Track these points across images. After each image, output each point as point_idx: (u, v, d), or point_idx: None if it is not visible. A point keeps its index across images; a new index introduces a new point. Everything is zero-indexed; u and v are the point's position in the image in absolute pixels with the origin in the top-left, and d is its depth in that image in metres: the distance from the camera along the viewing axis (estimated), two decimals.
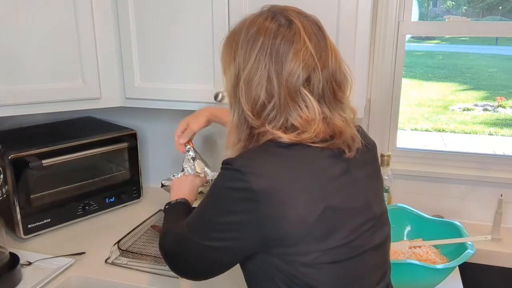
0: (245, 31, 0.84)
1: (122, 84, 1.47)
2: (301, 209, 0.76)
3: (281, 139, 0.80)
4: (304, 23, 0.83)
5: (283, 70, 0.80)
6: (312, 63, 0.80)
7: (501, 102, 5.93)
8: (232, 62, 0.86)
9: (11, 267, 1.16)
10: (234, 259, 0.85)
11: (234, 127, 0.88)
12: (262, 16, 0.84)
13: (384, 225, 0.91)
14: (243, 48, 0.83)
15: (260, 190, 0.75)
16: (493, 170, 1.52)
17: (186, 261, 0.89)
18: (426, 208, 1.52)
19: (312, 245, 0.77)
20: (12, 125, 1.64)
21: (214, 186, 0.83)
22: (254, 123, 0.83)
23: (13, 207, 1.34)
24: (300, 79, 0.80)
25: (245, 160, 0.79)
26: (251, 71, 0.81)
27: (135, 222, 1.47)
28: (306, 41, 0.81)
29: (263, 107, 0.81)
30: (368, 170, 0.91)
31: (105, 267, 1.26)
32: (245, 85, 0.82)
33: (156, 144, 1.83)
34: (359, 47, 1.23)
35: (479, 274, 1.43)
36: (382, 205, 0.92)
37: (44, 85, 1.33)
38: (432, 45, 8.62)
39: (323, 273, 0.78)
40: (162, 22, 1.37)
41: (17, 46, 1.27)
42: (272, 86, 0.80)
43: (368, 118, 1.57)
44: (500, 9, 6.24)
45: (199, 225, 0.86)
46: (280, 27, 0.81)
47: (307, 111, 0.80)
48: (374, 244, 0.85)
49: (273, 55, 0.80)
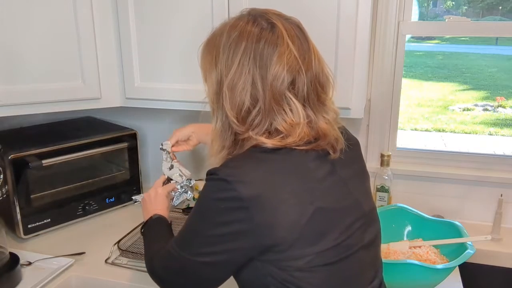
0: (226, 35, 0.83)
1: (122, 84, 1.47)
2: (292, 213, 0.76)
3: (265, 145, 0.79)
4: (286, 26, 0.82)
5: (267, 74, 0.78)
6: (296, 65, 0.80)
7: (501, 102, 5.93)
8: (213, 69, 0.84)
9: (11, 267, 1.16)
10: (229, 270, 0.83)
11: (217, 135, 0.86)
12: (242, 20, 0.83)
13: (374, 221, 0.91)
14: (225, 54, 0.82)
15: (249, 197, 0.74)
16: (493, 170, 1.52)
17: (181, 282, 0.87)
18: (426, 208, 1.52)
19: (305, 249, 0.77)
20: (12, 125, 1.64)
21: (201, 199, 0.82)
22: (239, 129, 0.82)
23: (13, 207, 1.34)
24: (285, 83, 0.79)
25: (230, 169, 0.78)
26: (235, 77, 0.80)
27: (135, 222, 1.47)
28: (290, 44, 0.80)
29: (248, 113, 0.80)
30: (354, 169, 0.91)
31: (105, 267, 1.26)
32: (228, 91, 0.81)
33: (156, 144, 1.82)
34: (359, 47, 1.23)
35: (479, 274, 1.43)
36: (370, 202, 0.92)
37: (44, 85, 1.33)
38: (432, 45, 8.63)
39: (318, 276, 0.78)
40: (162, 22, 1.37)
41: (17, 46, 1.27)
42: (257, 91, 0.79)
43: (368, 118, 1.57)
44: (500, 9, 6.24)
45: (190, 241, 0.83)
46: (262, 31, 0.80)
47: (292, 115, 0.79)
48: (366, 242, 0.85)
49: (257, 59, 0.79)
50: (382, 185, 1.50)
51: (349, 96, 1.26)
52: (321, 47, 1.24)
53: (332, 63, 1.24)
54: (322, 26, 1.23)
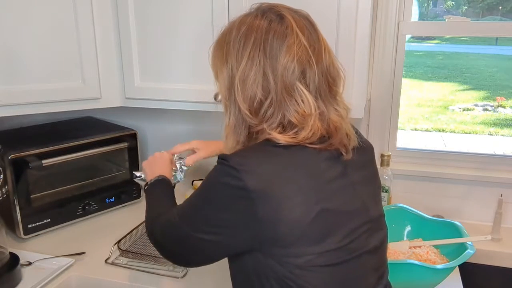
0: (235, 31, 0.83)
1: (122, 84, 1.47)
2: (296, 211, 0.75)
3: (278, 141, 0.79)
4: (295, 17, 0.82)
5: (277, 65, 0.79)
6: (307, 56, 0.80)
7: (501, 102, 5.93)
8: (224, 65, 0.85)
9: (11, 267, 1.15)
10: (227, 251, 0.84)
11: (231, 130, 0.86)
12: (251, 15, 0.84)
13: (381, 228, 0.90)
14: (235, 48, 0.82)
15: (255, 189, 0.74)
16: (493, 170, 1.52)
17: (178, 249, 0.88)
18: (426, 208, 1.52)
19: (307, 248, 0.76)
20: (12, 125, 1.64)
21: (208, 179, 0.81)
22: (253, 122, 0.82)
23: (13, 207, 1.34)
24: (296, 73, 0.79)
25: (241, 158, 0.78)
26: (246, 69, 0.80)
27: (135, 222, 1.47)
28: (299, 34, 0.80)
29: (261, 105, 0.81)
30: (365, 173, 0.91)
31: (105, 267, 1.26)
32: (240, 84, 0.81)
33: (156, 144, 1.83)
34: (359, 47, 1.23)
35: (479, 274, 1.43)
36: (379, 208, 0.92)
37: (44, 85, 1.33)
38: (432, 45, 8.63)
39: (317, 276, 0.78)
40: (162, 22, 1.37)
41: (17, 46, 1.27)
42: (268, 82, 0.79)
43: (368, 118, 1.57)
44: (500, 9, 6.25)
45: (192, 216, 0.84)
46: (271, 23, 0.81)
47: (304, 106, 0.79)
48: (371, 247, 0.85)
49: (267, 51, 0.79)
50: (382, 185, 1.50)
51: (349, 96, 1.26)
52: None
53: None
54: (322, 25, 1.21)
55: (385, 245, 0.92)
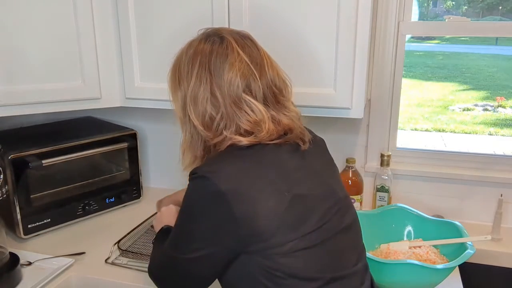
0: (184, 55, 0.92)
1: (122, 84, 1.47)
2: (271, 202, 0.81)
3: (241, 143, 0.85)
4: (236, 38, 0.90)
5: (222, 82, 0.86)
6: (249, 71, 0.87)
7: (501, 102, 5.94)
8: (177, 87, 0.93)
9: (11, 267, 1.16)
10: (215, 267, 0.86)
11: (187, 146, 0.94)
12: (197, 39, 0.93)
13: (350, 207, 0.97)
14: (184, 70, 0.91)
15: (228, 190, 0.79)
16: (493, 170, 1.52)
17: (175, 281, 0.92)
18: (426, 208, 1.52)
19: (287, 235, 0.81)
20: (12, 125, 1.64)
21: (185, 198, 0.86)
22: (208, 136, 0.89)
23: (13, 207, 1.34)
24: (241, 87, 0.86)
25: (209, 166, 0.84)
26: (195, 88, 0.88)
27: (135, 222, 1.47)
28: (240, 52, 0.88)
29: (212, 119, 0.88)
30: (323, 160, 0.99)
31: (105, 267, 1.26)
32: (191, 102, 0.89)
33: (156, 144, 1.83)
34: (359, 47, 1.23)
35: (479, 274, 1.43)
36: (344, 189, 0.98)
37: (44, 85, 1.33)
38: (432, 45, 8.64)
39: (302, 259, 0.82)
40: (162, 22, 1.37)
41: (17, 46, 1.27)
42: (216, 98, 0.87)
43: (368, 118, 1.57)
44: (500, 9, 6.25)
45: (178, 240, 0.88)
46: (213, 45, 0.89)
47: (254, 114, 0.86)
48: (344, 225, 0.91)
49: (211, 70, 0.87)
50: (382, 185, 1.50)
51: (349, 96, 1.26)
52: (321, 47, 1.25)
53: (332, 63, 1.24)
54: (322, 26, 1.23)
55: (357, 223, 0.98)
